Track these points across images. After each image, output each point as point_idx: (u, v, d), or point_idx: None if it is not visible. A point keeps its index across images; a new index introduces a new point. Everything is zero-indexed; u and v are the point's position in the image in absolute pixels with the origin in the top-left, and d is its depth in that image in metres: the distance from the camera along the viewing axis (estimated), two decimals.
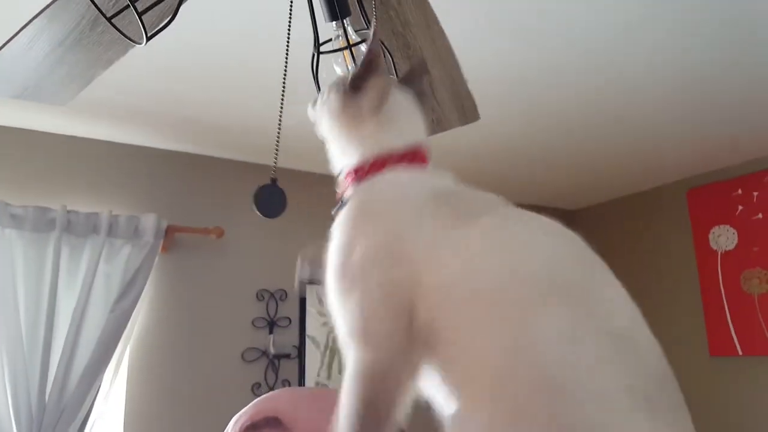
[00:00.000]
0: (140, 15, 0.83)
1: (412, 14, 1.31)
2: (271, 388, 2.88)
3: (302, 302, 3.05)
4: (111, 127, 2.63)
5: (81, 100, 1.40)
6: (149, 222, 2.65)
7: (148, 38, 0.90)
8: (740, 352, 3.08)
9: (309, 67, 1.14)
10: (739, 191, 3.14)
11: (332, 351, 3.07)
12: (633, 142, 2.88)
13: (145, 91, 2.26)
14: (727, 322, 3.16)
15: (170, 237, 2.73)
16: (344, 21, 1.05)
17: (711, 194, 3.28)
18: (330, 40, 1.11)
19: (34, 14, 1.19)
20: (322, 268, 0.81)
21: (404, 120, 0.84)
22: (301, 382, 2.95)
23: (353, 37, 1.07)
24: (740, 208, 3.14)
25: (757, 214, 3.06)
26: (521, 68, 2.13)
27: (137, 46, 1.31)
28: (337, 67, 1.11)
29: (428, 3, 1.28)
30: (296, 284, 2.87)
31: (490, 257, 0.65)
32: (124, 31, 1.06)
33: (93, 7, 1.21)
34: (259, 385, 2.85)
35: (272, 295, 2.99)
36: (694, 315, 3.32)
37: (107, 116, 2.51)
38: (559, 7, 1.78)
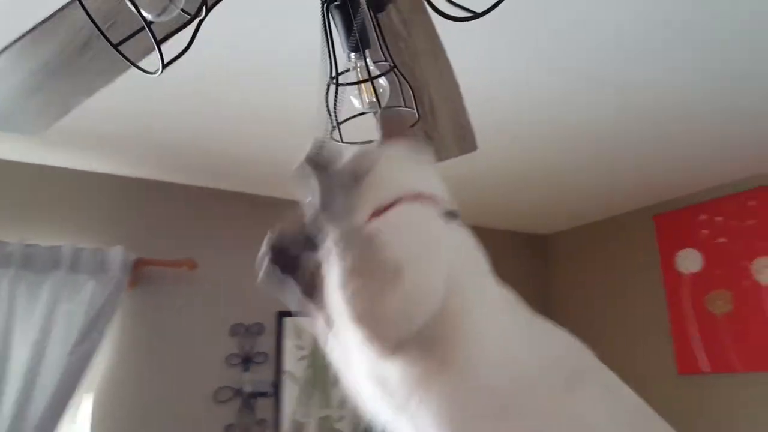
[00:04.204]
0: (159, 44, 0.76)
1: (422, 46, 1.28)
2: (246, 430, 2.74)
3: (279, 336, 2.94)
4: (74, 154, 2.49)
5: None
6: (116, 255, 2.50)
7: (164, 67, 0.82)
8: (707, 370, 3.16)
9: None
10: (703, 216, 3.26)
11: (311, 386, 2.95)
12: (603, 170, 2.96)
13: (112, 115, 2.14)
14: (694, 341, 3.24)
15: (138, 271, 2.59)
16: (365, 52, 1.01)
17: (677, 219, 3.39)
18: (346, 71, 1.06)
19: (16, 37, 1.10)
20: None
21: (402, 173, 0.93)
22: (278, 420, 2.82)
23: (373, 69, 1.02)
24: (705, 232, 3.25)
25: (721, 238, 3.17)
26: (500, 100, 2.15)
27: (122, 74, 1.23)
28: (355, 100, 1.07)
29: (437, 35, 1.26)
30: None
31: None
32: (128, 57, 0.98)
33: (82, 31, 1.13)
34: (232, 425, 2.71)
35: (247, 329, 2.86)
36: (663, 335, 3.40)
37: (70, 142, 2.36)
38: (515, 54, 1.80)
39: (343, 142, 1.06)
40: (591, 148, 2.68)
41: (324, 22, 1.02)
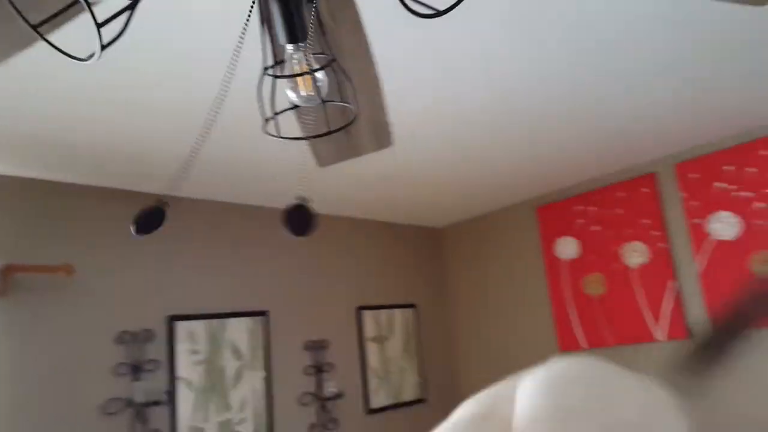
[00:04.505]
0: (99, 27, 0.67)
1: (347, 40, 1.26)
2: None
3: (171, 342, 2.76)
4: None
5: None
6: None
7: (103, 48, 0.73)
8: (584, 346, 3.47)
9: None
10: (579, 207, 3.56)
11: (208, 391, 2.81)
12: (489, 167, 3.12)
13: None
14: (573, 320, 3.54)
15: (8, 278, 2.29)
16: (304, 45, 0.97)
17: (556, 210, 3.67)
18: (281, 62, 1.01)
19: None
20: None
21: None
22: (174, 429, 2.66)
23: (311, 62, 0.98)
24: (580, 221, 3.55)
25: (594, 227, 3.48)
26: (401, 102, 2.18)
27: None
28: (291, 93, 1.02)
29: (363, 30, 1.25)
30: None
31: None
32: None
33: None
34: None
35: (135, 336, 2.65)
36: (545, 316, 3.68)
37: None
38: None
39: (280, 136, 1.01)
40: (475, 147, 2.80)
41: (260, 12, 0.96)
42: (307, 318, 3.40)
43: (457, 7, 0.80)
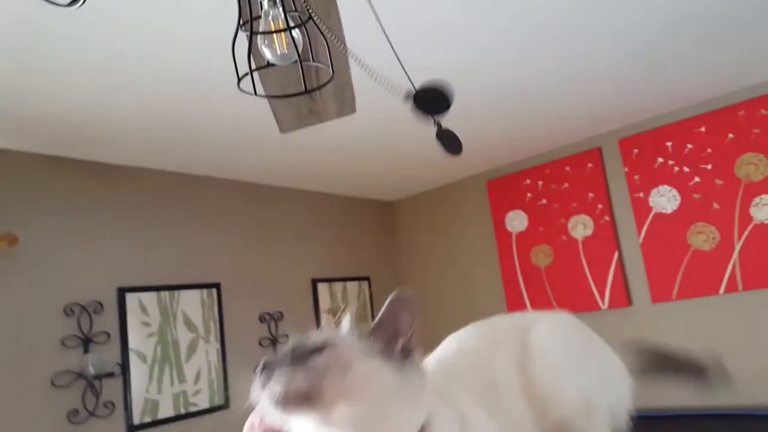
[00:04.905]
0: None
1: (318, 3, 1.25)
2: (92, 414, 2.49)
3: (122, 314, 2.70)
4: None
5: None
6: None
7: None
8: None
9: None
10: (528, 181, 3.67)
11: (161, 363, 2.77)
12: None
13: None
14: (522, 290, 3.68)
15: None
16: (280, 0, 0.96)
17: (506, 184, 3.78)
18: (257, 18, 1.00)
19: None
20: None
21: None
22: (127, 401, 2.61)
23: (288, 19, 0.98)
24: (529, 195, 3.67)
25: (542, 200, 3.61)
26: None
27: None
28: (266, 49, 1.01)
29: None
30: None
31: None
32: None
33: None
34: (76, 411, 2.45)
35: (84, 308, 2.58)
36: (495, 286, 3.80)
37: None
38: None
39: (255, 93, 1.00)
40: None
41: None
42: (261, 290, 3.38)
43: None
